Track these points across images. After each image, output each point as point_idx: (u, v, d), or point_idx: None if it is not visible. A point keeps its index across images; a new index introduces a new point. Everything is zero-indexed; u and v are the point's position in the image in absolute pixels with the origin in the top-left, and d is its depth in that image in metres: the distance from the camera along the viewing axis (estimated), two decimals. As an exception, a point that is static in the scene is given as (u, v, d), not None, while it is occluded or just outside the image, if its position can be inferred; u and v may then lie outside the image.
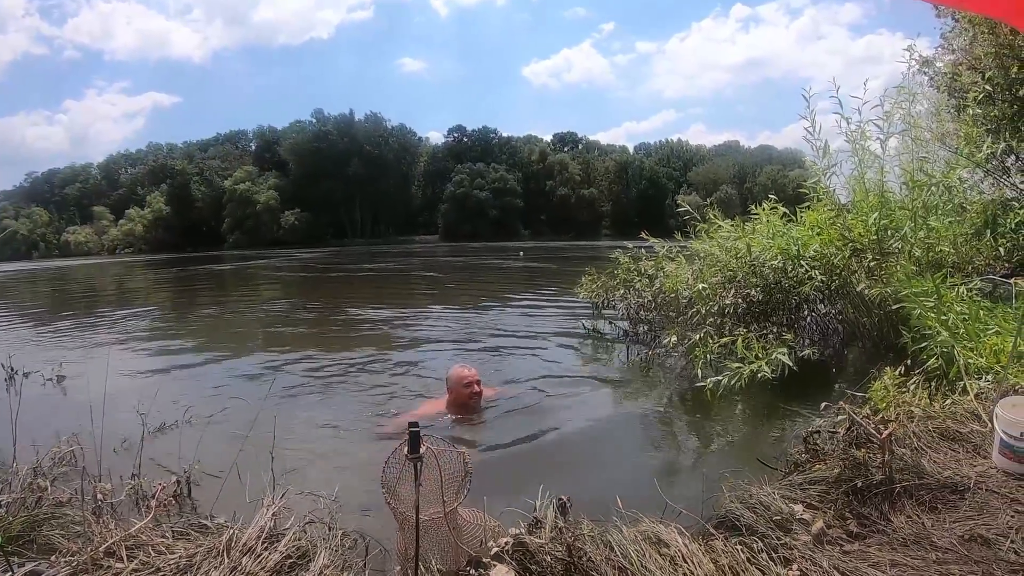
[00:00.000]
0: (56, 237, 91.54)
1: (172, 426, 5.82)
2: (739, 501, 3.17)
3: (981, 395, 4.12)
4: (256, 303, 20.18)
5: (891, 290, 5.82)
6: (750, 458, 4.27)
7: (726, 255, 7.35)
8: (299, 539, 2.87)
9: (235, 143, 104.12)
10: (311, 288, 26.76)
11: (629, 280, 9.58)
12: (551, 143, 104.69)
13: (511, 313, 14.64)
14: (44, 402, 7.09)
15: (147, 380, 8.15)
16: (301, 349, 10.32)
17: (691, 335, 6.70)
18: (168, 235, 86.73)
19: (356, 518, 3.63)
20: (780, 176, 70.27)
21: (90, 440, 4.53)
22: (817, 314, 7.47)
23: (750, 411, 6.06)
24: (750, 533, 2.92)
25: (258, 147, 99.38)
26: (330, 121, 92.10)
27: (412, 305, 17.63)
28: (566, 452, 5.38)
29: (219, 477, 4.09)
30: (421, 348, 10.46)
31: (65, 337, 12.41)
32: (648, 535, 2.75)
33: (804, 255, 6.82)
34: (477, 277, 29.42)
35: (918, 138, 7.23)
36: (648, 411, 6.50)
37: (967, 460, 3.38)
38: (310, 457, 5.24)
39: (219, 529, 3.05)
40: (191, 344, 11.38)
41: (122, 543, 2.82)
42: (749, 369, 5.52)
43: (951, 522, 2.88)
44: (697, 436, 5.84)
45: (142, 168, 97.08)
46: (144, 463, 4.35)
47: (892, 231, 6.59)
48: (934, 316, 5.14)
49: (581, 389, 7.37)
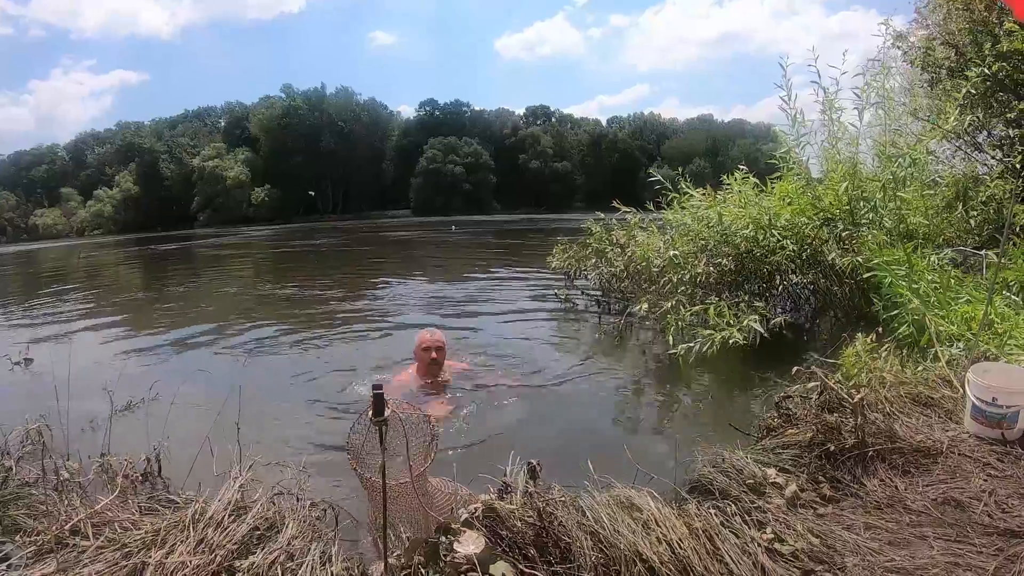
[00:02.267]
0: (24, 220, 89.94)
1: (139, 404, 5.71)
2: (712, 466, 3.15)
3: (952, 362, 4.16)
4: (223, 280, 20.03)
5: (862, 259, 5.83)
6: (723, 424, 4.28)
7: (697, 224, 7.35)
8: (267, 511, 2.82)
9: (204, 120, 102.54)
10: (278, 264, 26.57)
11: (601, 250, 9.58)
12: (524, 116, 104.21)
13: (482, 286, 14.57)
14: (11, 386, 7.02)
15: (114, 359, 8.03)
16: (268, 323, 10.27)
17: (663, 303, 6.71)
18: (137, 215, 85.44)
19: (326, 488, 3.59)
20: (753, 150, 70.50)
21: (57, 420, 4.43)
22: (789, 284, 7.49)
23: (722, 379, 6.08)
24: (723, 497, 2.90)
25: (227, 123, 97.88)
26: (300, 96, 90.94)
27: (381, 278, 17.55)
28: (537, 421, 5.36)
29: (189, 453, 4.01)
30: (391, 320, 10.44)
31: (32, 320, 12.24)
32: (620, 500, 2.71)
33: (775, 224, 6.82)
34: (446, 250, 29.31)
35: (891, 112, 7.22)
36: (620, 380, 6.52)
37: (939, 425, 3.40)
38: (279, 428, 5.21)
39: (187, 503, 2.97)
40: (158, 322, 11.22)
41: (87, 520, 2.77)
42: (721, 336, 5.53)
43: (924, 485, 2.88)
44: (669, 404, 5.85)
45: (110, 148, 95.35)
46: (113, 441, 4.27)
47: (863, 202, 6.60)
48: (905, 284, 5.15)
49: (553, 359, 7.36)
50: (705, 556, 2.39)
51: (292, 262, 27.01)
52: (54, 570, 2.46)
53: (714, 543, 2.45)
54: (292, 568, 2.47)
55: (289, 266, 24.88)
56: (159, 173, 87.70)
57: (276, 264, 26.84)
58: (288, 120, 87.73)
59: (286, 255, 31.31)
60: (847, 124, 6.90)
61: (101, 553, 2.55)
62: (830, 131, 7.03)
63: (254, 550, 2.57)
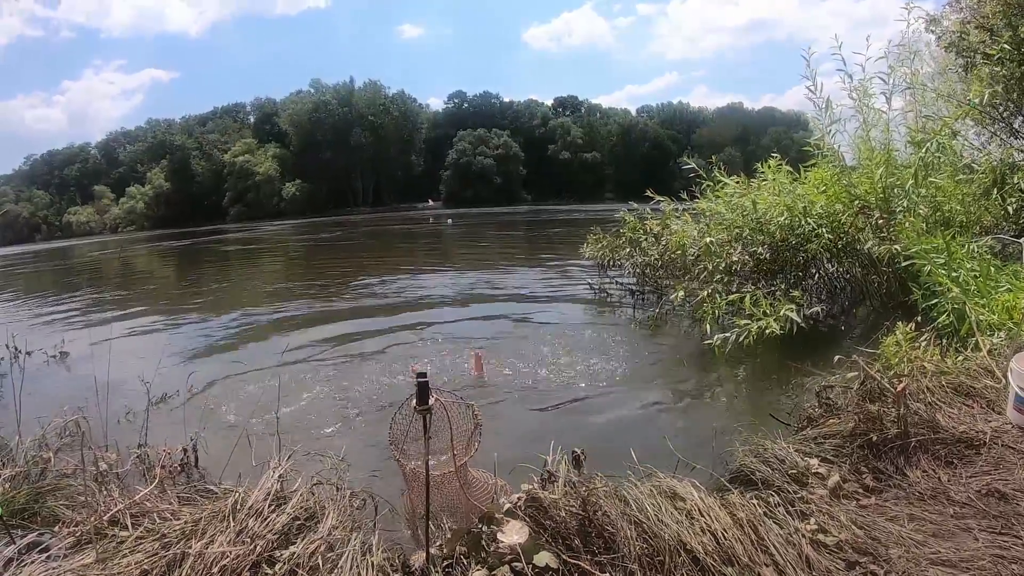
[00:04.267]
0: (58, 218, 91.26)
1: (175, 395, 5.83)
2: (753, 455, 3.15)
3: (994, 351, 4.07)
4: (256, 273, 20.24)
5: (900, 247, 5.75)
6: (762, 414, 4.26)
7: (732, 213, 7.30)
8: (307, 500, 2.84)
9: (233, 116, 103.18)
10: (313, 256, 26.77)
11: (635, 239, 9.55)
12: (552, 107, 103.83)
13: (512, 275, 14.68)
14: (48, 378, 7.15)
15: (150, 352, 8.06)
16: (301, 315, 10.42)
17: (698, 292, 6.69)
18: (169, 211, 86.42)
19: (365, 478, 3.64)
20: (784, 138, 69.67)
21: (94, 412, 4.53)
22: (825, 273, 7.43)
23: (759, 369, 6.05)
24: (766, 487, 2.90)
25: (257, 119, 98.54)
26: (329, 90, 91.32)
27: (412, 269, 17.65)
28: (576, 412, 5.38)
29: (226, 444, 4.07)
30: (428, 310, 10.54)
31: (68, 315, 12.47)
32: (663, 489, 2.72)
33: (810, 212, 6.75)
34: (480, 241, 29.36)
35: (923, 97, 7.12)
36: (656, 369, 6.53)
37: (981, 415, 3.35)
38: (316, 419, 5.27)
39: (226, 493, 3.01)
40: (193, 315, 11.44)
41: (126, 511, 2.80)
42: (757, 326, 5.49)
43: (967, 477, 2.86)
44: (706, 393, 5.84)
45: (141, 145, 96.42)
46: (150, 433, 4.38)
47: (898, 188, 6.51)
48: (944, 273, 5.08)
49: (589, 350, 7.36)
50: (749, 546, 2.39)
51: (323, 255, 27.19)
52: (94, 560, 2.48)
53: (758, 533, 2.45)
54: (332, 558, 2.49)
55: (320, 259, 25.06)
56: (190, 169, 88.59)
57: (307, 257, 27.04)
58: (318, 114, 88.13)
59: (317, 248, 31.52)
60: (878, 110, 6.80)
61: (140, 543, 2.58)
62: (864, 118, 6.93)
63: (294, 540, 2.59)
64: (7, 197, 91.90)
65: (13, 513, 2.83)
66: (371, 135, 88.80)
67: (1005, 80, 7.99)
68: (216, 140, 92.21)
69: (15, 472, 3.16)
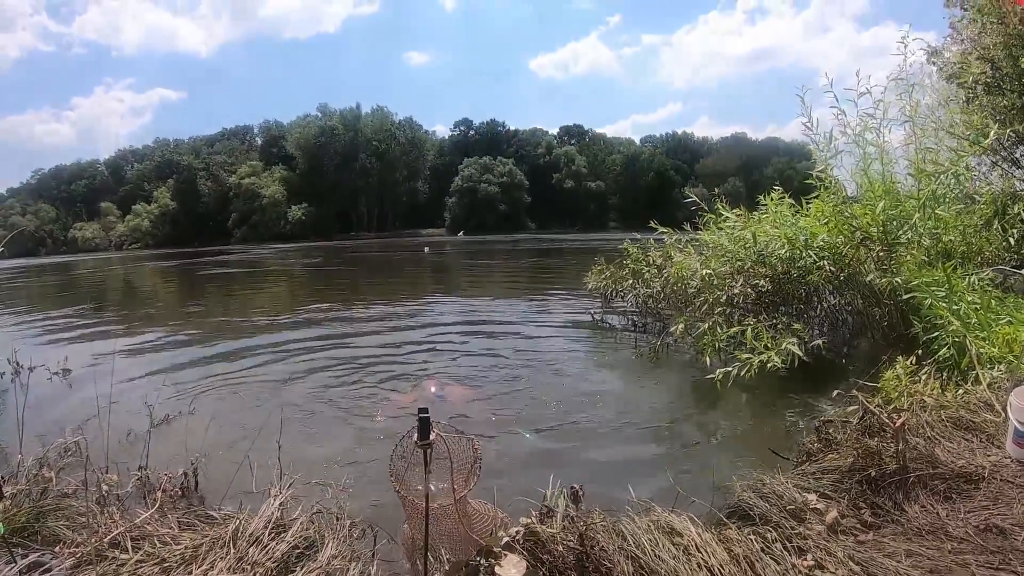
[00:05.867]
0: (63, 233, 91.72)
1: (178, 417, 5.84)
2: (752, 491, 3.14)
3: (994, 385, 4.08)
4: (260, 295, 20.29)
5: (901, 280, 5.76)
6: (761, 448, 4.25)
7: (734, 244, 7.32)
8: (307, 529, 2.85)
9: (241, 138, 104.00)
10: (316, 280, 26.89)
11: (638, 270, 9.56)
12: (557, 136, 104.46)
13: (515, 304, 14.59)
14: (50, 396, 7.09)
15: (153, 372, 8.18)
16: (308, 339, 10.39)
17: (700, 324, 6.69)
18: (175, 230, 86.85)
19: (364, 507, 3.61)
20: (787, 168, 69.88)
21: (96, 432, 4.51)
22: (827, 304, 7.43)
23: (760, 401, 6.02)
24: (764, 523, 2.90)
25: (264, 142, 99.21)
26: (335, 115, 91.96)
27: (416, 296, 17.72)
28: (576, 443, 5.34)
29: (228, 468, 4.07)
30: (432, 337, 10.55)
31: (71, 331, 12.45)
32: (661, 524, 2.72)
33: (812, 244, 6.77)
34: (481, 269, 29.44)
35: (923, 129, 7.16)
36: (657, 402, 6.50)
37: (981, 450, 3.35)
38: (317, 446, 5.25)
39: (226, 520, 3.02)
40: (196, 335, 11.39)
41: (127, 534, 2.80)
42: (759, 360, 5.49)
43: (966, 512, 2.85)
44: (707, 426, 5.81)
45: (148, 164, 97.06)
46: (152, 454, 4.34)
47: (900, 221, 6.53)
48: (945, 306, 5.10)
49: (590, 380, 7.37)
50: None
51: (327, 279, 27.34)
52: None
53: (755, 570, 2.46)
54: (332, 588, 2.47)
55: (324, 283, 25.19)
56: (196, 189, 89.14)
57: (312, 281, 27.12)
58: (324, 139, 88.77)
59: (321, 272, 31.63)
60: (875, 144, 6.82)
61: (140, 567, 2.59)
62: (864, 152, 6.96)
63: (293, 568, 2.60)
64: (14, 210, 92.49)
65: (14, 531, 2.83)
66: (377, 161, 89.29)
67: (1006, 111, 8.05)
68: (223, 161, 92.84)
69: (16, 490, 3.16)
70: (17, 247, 70.77)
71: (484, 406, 6.29)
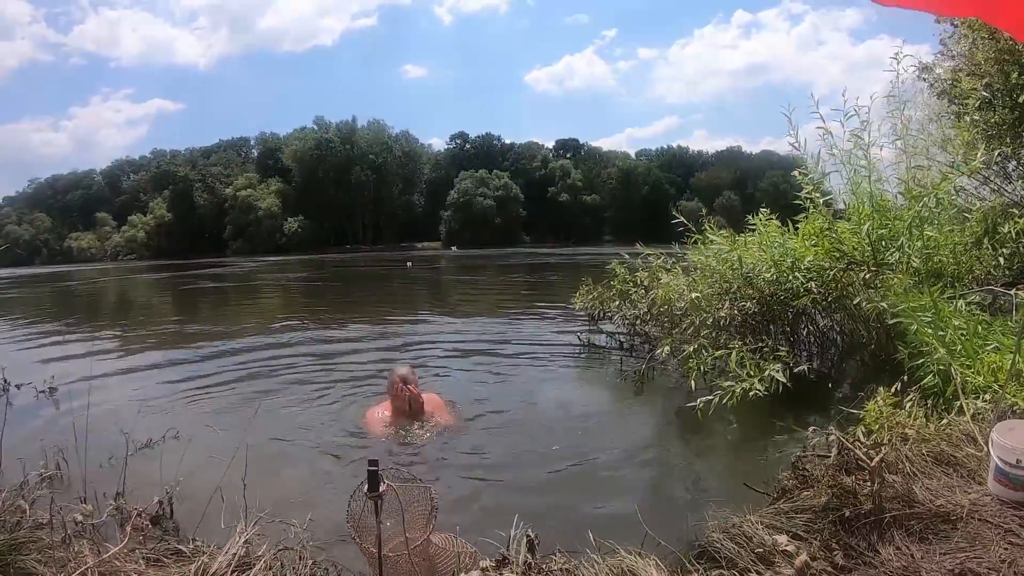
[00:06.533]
0: (59, 243, 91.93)
1: (159, 442, 5.73)
2: (721, 531, 3.04)
3: (978, 416, 3.99)
4: (249, 312, 20.32)
5: (888, 304, 5.67)
6: (739, 480, 4.15)
7: (721, 266, 7.25)
8: (269, 568, 2.81)
9: (237, 150, 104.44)
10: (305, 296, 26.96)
11: (625, 291, 9.48)
12: (553, 149, 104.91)
13: (501, 323, 14.57)
14: (34, 416, 7.07)
15: (138, 391, 8.14)
16: (295, 358, 10.40)
17: (685, 347, 6.60)
18: (170, 241, 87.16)
19: (330, 542, 3.57)
20: (782, 182, 70.14)
21: (75, 457, 4.54)
22: (815, 326, 7.36)
23: (743, 429, 5.93)
24: (730, 566, 2.80)
25: (260, 154, 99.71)
26: (332, 128, 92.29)
27: (402, 314, 17.78)
28: (548, 473, 5.23)
29: (203, 495, 3.99)
30: (418, 355, 10.51)
31: (61, 345, 12.44)
32: (623, 570, 2.64)
33: (799, 267, 6.70)
34: (468, 286, 29.43)
35: (914, 147, 7.09)
36: (638, 431, 6.40)
37: (961, 487, 3.24)
38: (288, 479, 5.19)
39: (195, 554, 2.99)
40: (184, 354, 11.36)
41: (95, 568, 2.79)
42: (741, 388, 5.40)
43: (941, 554, 2.74)
44: (686, 458, 5.71)
45: (144, 175, 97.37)
46: (131, 479, 4.33)
47: (888, 242, 6.46)
48: (931, 332, 5.01)
49: (570, 406, 7.28)
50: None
51: (318, 294, 27.47)
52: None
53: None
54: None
55: (314, 299, 25.32)
56: (192, 201, 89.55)
57: (304, 295, 27.25)
58: (321, 152, 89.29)
59: (312, 287, 31.72)
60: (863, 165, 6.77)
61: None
62: (854, 170, 6.90)
63: (256, 608, 2.51)
64: (9, 219, 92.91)
65: None
66: (373, 174, 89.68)
67: (997, 127, 8.01)
68: (219, 173, 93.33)
69: None
70: (11, 256, 70.72)
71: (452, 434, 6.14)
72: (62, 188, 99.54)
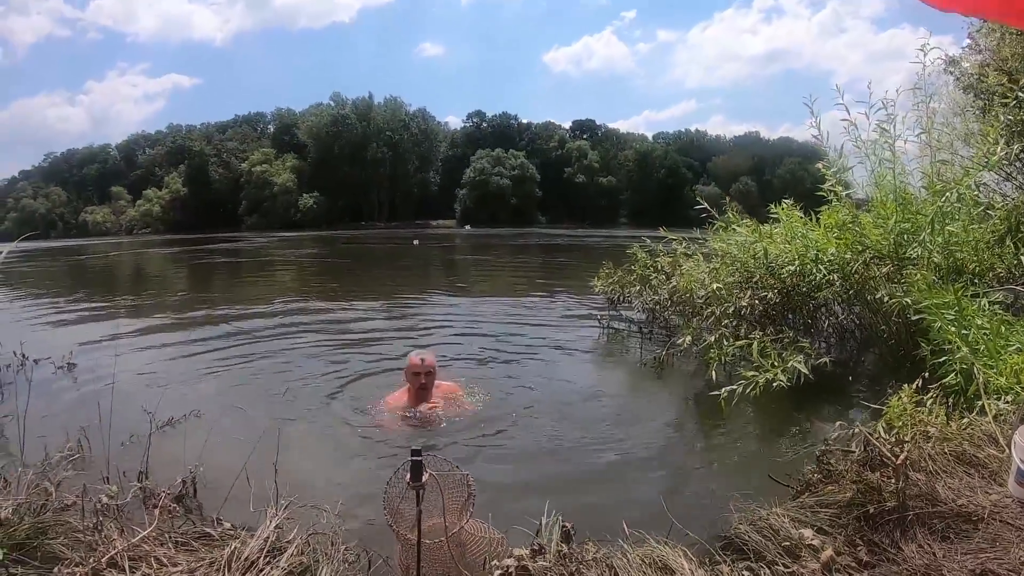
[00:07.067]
0: (74, 217, 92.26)
1: (179, 420, 5.72)
2: (748, 523, 3.11)
3: (1000, 417, 4.01)
4: (267, 287, 20.38)
5: (911, 300, 5.68)
6: (761, 472, 4.19)
7: (743, 254, 7.26)
8: (301, 553, 2.84)
9: (253, 125, 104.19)
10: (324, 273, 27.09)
11: (646, 276, 9.48)
12: (570, 130, 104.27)
13: (519, 305, 14.45)
14: (55, 392, 7.03)
15: (158, 367, 8.16)
16: (319, 336, 10.39)
17: (706, 336, 6.63)
18: (185, 216, 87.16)
19: (359, 527, 3.57)
20: (800, 169, 69.63)
21: (97, 434, 4.55)
22: (834, 318, 7.38)
23: (763, 419, 5.93)
24: (758, 559, 2.86)
25: (276, 129, 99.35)
26: (348, 104, 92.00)
27: (421, 292, 17.81)
28: (572, 461, 5.24)
29: (228, 474, 4.01)
30: (436, 336, 10.57)
31: (78, 320, 12.53)
32: (654, 560, 2.70)
33: (822, 259, 6.70)
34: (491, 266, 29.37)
35: (939, 141, 7.07)
36: (659, 418, 6.40)
37: (982, 487, 3.29)
38: (315, 461, 5.15)
39: (222, 538, 3.01)
40: (203, 330, 11.28)
41: (124, 553, 2.78)
42: (764, 378, 5.42)
43: (962, 554, 2.80)
44: (708, 446, 5.74)
45: (160, 149, 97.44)
46: (153, 458, 4.34)
47: (910, 235, 6.45)
48: (954, 331, 5.02)
49: (591, 391, 7.28)
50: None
51: (335, 272, 27.52)
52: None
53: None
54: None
55: (334, 274, 25.45)
56: (207, 176, 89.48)
57: (322, 272, 27.36)
58: (337, 128, 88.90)
59: (329, 264, 31.73)
60: (887, 158, 6.77)
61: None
62: (879, 159, 6.89)
63: (288, 594, 2.56)
64: (25, 193, 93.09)
65: (13, 547, 2.80)
66: (389, 151, 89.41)
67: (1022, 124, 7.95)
68: (235, 148, 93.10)
69: (17, 504, 3.09)
70: (28, 229, 70.98)
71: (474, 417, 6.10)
72: (78, 162, 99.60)
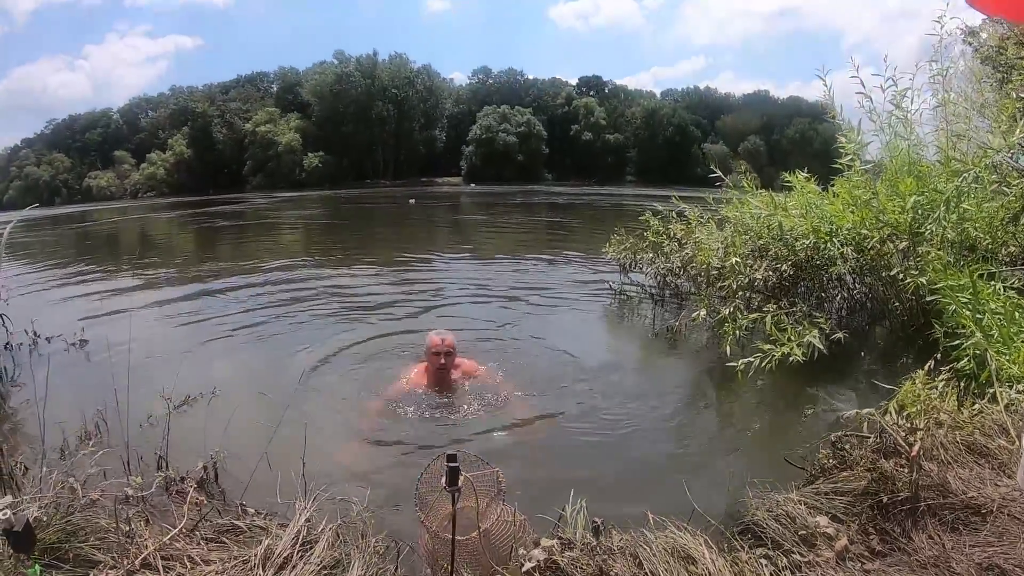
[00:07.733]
0: (78, 182, 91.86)
1: (196, 399, 5.73)
2: (766, 510, 3.20)
3: (1011, 406, 4.03)
4: (277, 250, 20.51)
5: (926, 280, 5.68)
6: (776, 453, 4.25)
7: (757, 224, 7.26)
8: (332, 547, 2.91)
9: (256, 85, 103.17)
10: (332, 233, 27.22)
11: (658, 243, 9.49)
12: (577, 87, 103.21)
13: (529, 269, 14.42)
14: (68, 372, 6.97)
15: (168, 342, 8.12)
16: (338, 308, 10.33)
17: (720, 309, 6.66)
18: (189, 178, 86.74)
19: (386, 515, 3.59)
20: (809, 129, 68.84)
21: (114, 416, 4.58)
22: (846, 290, 7.40)
23: (777, 395, 5.98)
24: (775, 547, 2.97)
25: (280, 89, 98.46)
26: (352, 62, 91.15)
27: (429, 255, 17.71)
28: (590, 440, 5.28)
29: (249, 458, 4.04)
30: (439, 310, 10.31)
31: (88, 292, 12.29)
32: (676, 548, 2.81)
33: (837, 234, 6.70)
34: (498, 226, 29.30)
35: (955, 113, 7.03)
36: (673, 393, 6.43)
37: (992, 479, 3.35)
38: (339, 450, 5.06)
39: (251, 530, 3.08)
40: (217, 300, 11.30)
41: (157, 552, 2.81)
42: (781, 352, 5.45)
43: (970, 546, 2.88)
44: (722, 423, 5.82)
45: (163, 112, 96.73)
46: (172, 441, 4.31)
47: (925, 210, 6.43)
48: (969, 315, 5.02)
49: (603, 362, 7.30)
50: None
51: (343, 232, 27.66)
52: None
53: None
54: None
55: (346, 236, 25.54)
56: (211, 137, 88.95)
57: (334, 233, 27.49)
58: (341, 86, 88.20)
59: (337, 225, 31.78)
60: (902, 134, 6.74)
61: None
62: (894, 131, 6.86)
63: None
64: (28, 160, 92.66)
65: (43, 551, 2.77)
66: (394, 108, 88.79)
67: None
68: (238, 108, 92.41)
69: (45, 503, 3.09)
70: (32, 197, 70.72)
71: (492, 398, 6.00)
72: (80, 128, 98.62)
